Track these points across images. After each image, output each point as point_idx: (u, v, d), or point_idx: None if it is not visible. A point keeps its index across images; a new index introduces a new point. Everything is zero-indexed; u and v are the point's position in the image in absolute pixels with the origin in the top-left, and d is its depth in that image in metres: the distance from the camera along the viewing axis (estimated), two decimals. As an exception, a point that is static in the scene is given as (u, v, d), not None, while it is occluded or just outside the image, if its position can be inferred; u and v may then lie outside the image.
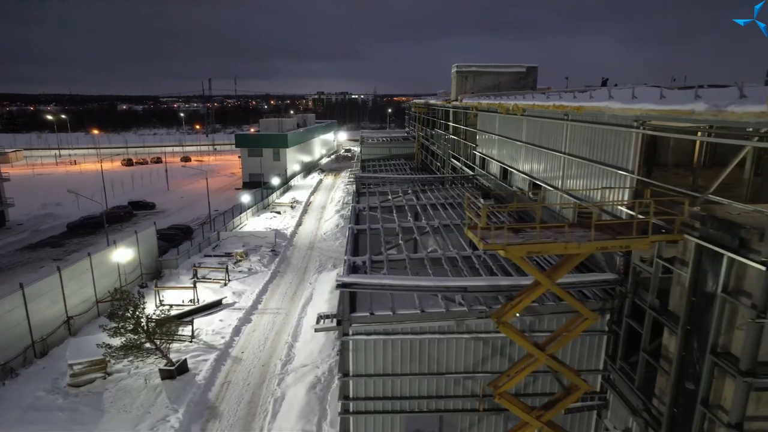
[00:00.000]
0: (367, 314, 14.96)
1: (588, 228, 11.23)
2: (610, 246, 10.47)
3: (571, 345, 15.42)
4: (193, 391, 22.16)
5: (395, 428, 15.97)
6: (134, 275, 34.84)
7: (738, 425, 10.39)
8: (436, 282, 14.71)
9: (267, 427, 20.18)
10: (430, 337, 15.01)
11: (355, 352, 15.27)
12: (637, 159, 14.14)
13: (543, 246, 10.28)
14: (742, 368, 10.10)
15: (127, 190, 72.67)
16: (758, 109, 9.01)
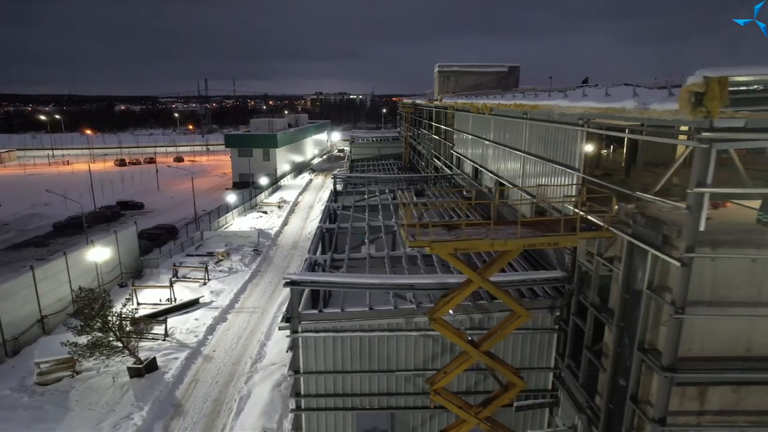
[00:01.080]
0: (315, 312, 15.05)
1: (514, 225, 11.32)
2: (537, 243, 10.56)
3: (521, 343, 15.53)
4: (160, 389, 22.24)
5: (347, 425, 16.06)
6: (113, 274, 34.93)
7: (661, 420, 10.47)
8: (384, 280, 14.80)
9: (230, 425, 20.28)
10: (380, 334, 15.09)
11: (305, 350, 15.36)
12: (583, 157, 14.21)
13: (469, 243, 10.37)
14: (663, 363, 10.19)
15: (117, 190, 72.73)
16: (673, 107, 9.11)
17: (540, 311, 15.05)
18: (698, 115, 8.75)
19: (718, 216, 11.36)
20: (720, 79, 8.44)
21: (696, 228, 9.49)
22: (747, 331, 10.32)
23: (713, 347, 10.40)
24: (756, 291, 10.07)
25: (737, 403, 10.72)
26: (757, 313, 10.15)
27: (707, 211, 11.46)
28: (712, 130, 8.86)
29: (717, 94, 8.45)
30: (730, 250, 9.81)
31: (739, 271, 9.96)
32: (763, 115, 8.73)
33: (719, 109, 8.53)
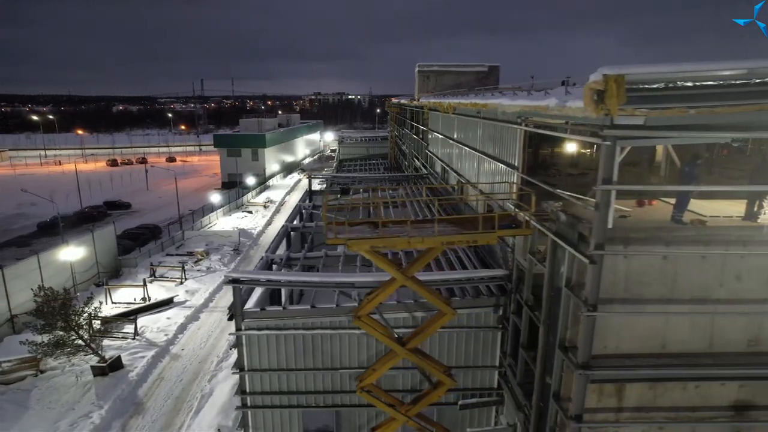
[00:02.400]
0: (258, 310, 15.10)
1: (442, 223, 11.36)
2: (456, 240, 10.60)
3: (466, 341, 15.56)
4: (122, 387, 22.32)
5: (293, 423, 16.10)
6: (90, 274, 35.01)
7: (578, 417, 10.51)
8: (324, 278, 14.84)
9: (188, 422, 20.36)
10: (323, 332, 15.12)
11: (248, 347, 15.40)
12: (522, 156, 14.25)
13: (386, 240, 10.42)
14: (578, 361, 10.22)
15: (107, 190, 72.85)
16: (578, 104, 9.16)
17: (483, 309, 15.09)
18: (600, 112, 8.79)
19: (641, 214, 11.40)
20: (617, 77, 8.48)
21: (604, 225, 9.52)
22: (661, 328, 10.36)
23: (629, 345, 10.43)
24: (668, 288, 10.10)
25: (654, 400, 10.76)
26: (670, 310, 10.18)
27: (628, 209, 11.62)
28: (613, 128, 8.90)
29: (615, 91, 8.49)
30: (641, 247, 9.84)
31: (652, 269, 9.99)
32: (660, 113, 8.76)
33: (617, 107, 8.57)
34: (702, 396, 10.78)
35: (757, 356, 10.50)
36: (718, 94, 9.00)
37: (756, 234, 9.86)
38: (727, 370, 10.44)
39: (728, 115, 8.96)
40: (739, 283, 10.12)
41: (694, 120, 8.96)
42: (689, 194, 10.36)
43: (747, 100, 8.93)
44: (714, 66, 8.82)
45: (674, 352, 10.47)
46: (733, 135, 9.88)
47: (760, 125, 9.45)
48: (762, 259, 9.96)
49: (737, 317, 10.28)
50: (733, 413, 10.88)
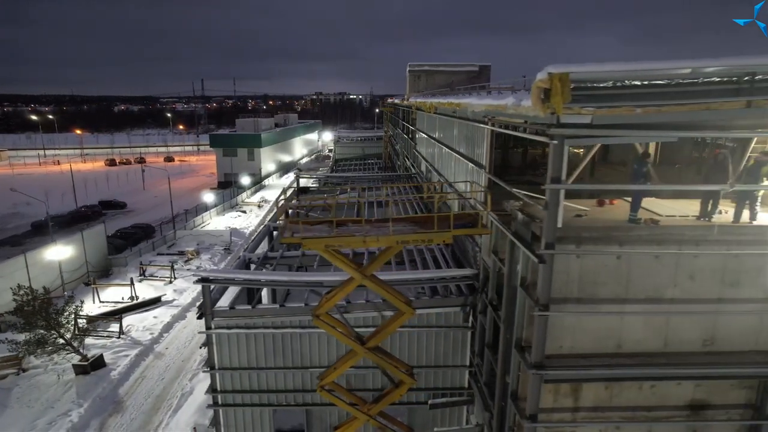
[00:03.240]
0: (227, 308, 15.13)
1: (403, 222, 11.36)
2: (410, 239, 10.60)
3: (435, 341, 15.56)
4: (103, 386, 22.41)
5: (264, 421, 16.12)
6: (79, 273, 35.14)
7: (533, 417, 10.49)
8: (292, 277, 14.88)
9: (166, 421, 20.43)
10: (292, 331, 15.13)
11: (218, 346, 15.44)
12: (489, 155, 14.23)
13: (341, 240, 10.42)
14: (531, 361, 10.21)
15: (103, 190, 73.05)
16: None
17: (452, 309, 15.08)
18: (546, 111, 8.79)
19: (599, 213, 11.39)
20: (561, 75, 8.46)
21: (554, 225, 9.50)
22: (616, 328, 10.33)
23: (584, 344, 10.41)
24: (623, 288, 10.08)
25: (611, 400, 10.74)
26: (624, 309, 10.16)
27: (586, 209, 11.60)
28: (559, 126, 8.88)
29: (559, 90, 8.47)
30: (594, 247, 9.82)
31: (606, 268, 9.97)
32: (608, 112, 8.74)
33: (562, 106, 8.56)
34: (658, 395, 10.76)
35: (711, 356, 10.46)
36: (665, 93, 9.01)
37: (708, 233, 9.83)
38: (682, 370, 10.39)
39: (677, 114, 8.96)
40: (692, 282, 10.09)
41: (642, 119, 8.93)
42: (641, 193, 10.33)
43: (694, 99, 8.92)
44: (660, 65, 8.82)
45: (630, 352, 10.44)
46: (681, 134, 9.86)
47: (708, 125, 9.44)
48: (715, 258, 9.94)
49: (691, 317, 10.26)
50: (689, 413, 10.87)
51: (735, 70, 8.86)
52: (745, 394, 10.81)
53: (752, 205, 10.30)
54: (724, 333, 10.41)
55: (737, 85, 8.93)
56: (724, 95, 8.98)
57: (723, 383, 10.70)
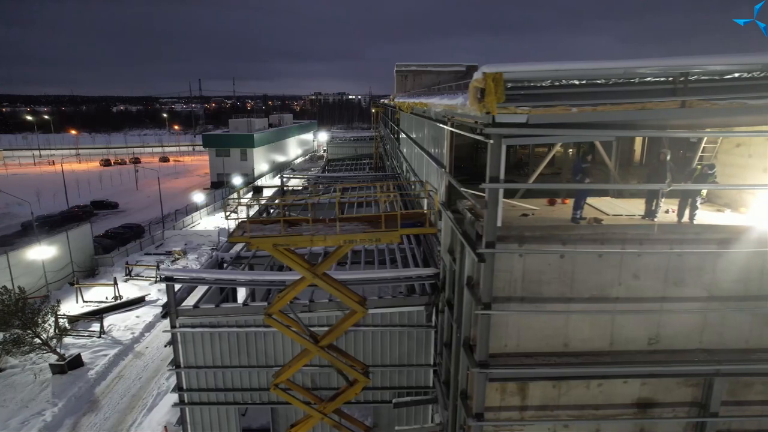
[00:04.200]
0: (191, 307, 15.20)
1: (356, 222, 11.42)
2: (358, 239, 10.66)
3: (399, 340, 15.62)
4: (80, 385, 22.46)
5: (230, 419, 16.18)
6: (65, 273, 35.18)
7: (479, 415, 10.54)
8: (254, 276, 14.96)
9: (140, 420, 20.48)
10: (256, 330, 15.20)
11: (183, 345, 15.51)
12: (449, 155, 14.27)
13: (289, 239, 10.48)
14: (476, 359, 10.26)
15: (97, 190, 73.08)
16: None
17: (415, 308, 15.14)
18: (483, 110, 8.84)
19: (550, 212, 11.44)
20: (495, 75, 8.52)
21: (494, 224, 9.55)
22: (562, 326, 10.38)
23: (530, 343, 10.46)
24: (567, 287, 10.13)
25: (558, 398, 10.79)
26: (569, 308, 10.21)
27: (535, 208, 11.67)
28: (495, 126, 8.93)
29: (493, 89, 8.53)
30: (537, 246, 9.87)
31: (549, 267, 10.02)
32: (543, 111, 8.79)
33: (496, 105, 8.61)
34: (605, 394, 10.80)
35: (657, 354, 10.53)
36: (602, 92, 9.05)
37: (650, 232, 9.88)
38: (628, 368, 10.45)
39: (614, 114, 9.01)
40: (636, 281, 10.15)
41: (579, 118, 8.99)
42: (584, 192, 10.38)
43: (629, 98, 8.97)
44: (594, 65, 8.88)
45: (576, 351, 10.50)
46: (618, 134, 9.92)
47: (645, 124, 9.50)
48: (658, 257, 10.00)
49: (636, 315, 10.31)
50: (636, 410, 10.92)
51: (670, 71, 8.91)
52: (691, 391, 10.86)
53: (692, 205, 10.35)
54: (669, 331, 10.48)
55: (673, 85, 8.98)
56: (661, 95, 9.04)
57: (669, 381, 10.75)
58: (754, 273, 10.16)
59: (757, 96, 8.84)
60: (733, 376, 10.61)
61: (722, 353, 10.51)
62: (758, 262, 10.08)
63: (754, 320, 10.43)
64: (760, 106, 8.84)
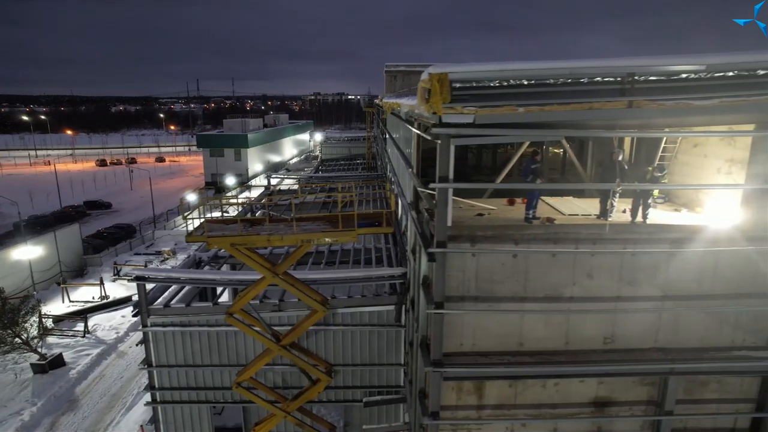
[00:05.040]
0: (162, 306, 15.26)
1: (318, 222, 11.49)
2: (315, 238, 10.72)
3: (369, 339, 15.66)
4: (60, 384, 22.54)
5: (202, 418, 16.24)
6: (52, 272, 35.28)
7: (434, 414, 10.59)
8: (223, 276, 15.05)
9: (118, 419, 20.56)
10: (227, 329, 15.21)
11: (155, 344, 15.56)
12: (416, 156, 14.32)
13: (245, 238, 10.55)
14: (431, 359, 10.31)
15: (91, 190, 73.18)
16: (412, 102, 9.26)
17: (385, 308, 15.19)
18: (430, 110, 8.91)
19: (508, 212, 11.50)
20: (440, 75, 8.59)
21: (444, 224, 9.61)
22: (517, 326, 10.43)
23: (486, 342, 10.51)
24: (521, 286, 10.18)
25: (515, 397, 10.84)
26: (524, 308, 10.26)
27: (492, 207, 11.73)
28: (441, 126, 8.98)
29: (438, 90, 8.60)
30: (490, 245, 9.92)
31: (503, 267, 10.07)
32: (490, 111, 8.85)
33: (442, 105, 8.67)
34: (562, 393, 10.86)
35: (613, 353, 10.57)
36: (549, 92, 9.10)
37: (603, 232, 9.93)
38: (584, 368, 10.50)
39: (562, 113, 9.06)
40: (591, 281, 10.21)
41: (526, 118, 9.04)
42: (536, 192, 10.44)
43: (578, 98, 9.02)
44: (540, 65, 8.95)
45: (531, 350, 10.55)
46: (567, 133, 9.97)
47: (593, 124, 9.56)
48: (611, 257, 10.05)
49: (591, 315, 10.35)
50: (593, 409, 10.97)
51: (617, 71, 8.96)
52: (647, 390, 10.92)
53: (645, 205, 10.41)
54: (624, 331, 10.52)
55: (621, 85, 9.03)
56: (611, 95, 9.09)
57: (625, 380, 10.81)
58: (707, 272, 10.22)
59: (703, 97, 8.90)
60: (687, 375, 10.67)
61: (677, 352, 10.57)
62: (711, 262, 10.14)
63: (708, 319, 10.49)
64: (704, 107, 8.91)
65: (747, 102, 8.91)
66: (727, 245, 9.92)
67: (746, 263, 10.11)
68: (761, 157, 9.66)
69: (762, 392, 10.84)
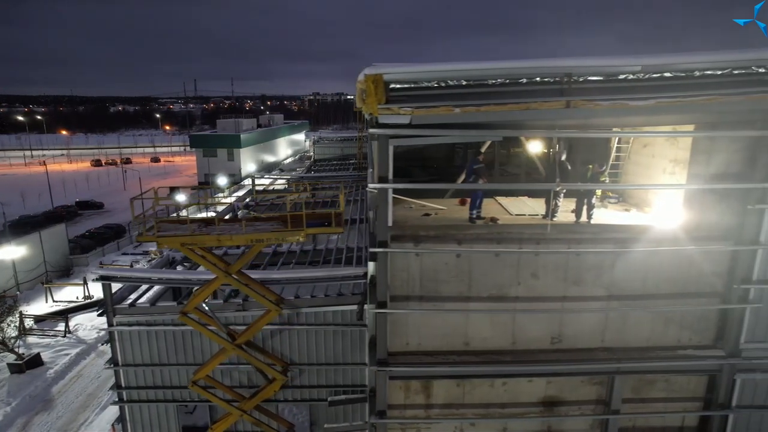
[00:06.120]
0: (126, 306, 15.31)
1: (272, 221, 11.55)
2: (264, 237, 10.77)
3: (334, 339, 15.70)
4: (36, 384, 22.58)
5: (169, 417, 16.26)
6: (37, 272, 35.32)
7: (381, 413, 10.67)
8: (187, 275, 15.08)
9: (92, 418, 20.59)
10: (193, 329, 15.29)
11: (121, 343, 15.61)
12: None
13: (195, 238, 10.61)
14: (376, 358, 10.38)
15: (84, 190, 73.20)
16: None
17: (349, 307, 15.22)
18: (366, 111, 8.97)
19: (457, 212, 11.55)
20: (375, 76, 8.65)
21: (384, 224, 9.67)
22: (462, 325, 10.50)
23: (432, 342, 10.58)
24: (465, 286, 10.25)
25: (463, 397, 10.91)
26: (468, 307, 10.33)
27: (441, 207, 11.78)
28: (378, 126, 9.05)
29: (372, 91, 8.66)
30: (433, 245, 9.98)
31: (446, 267, 10.14)
32: (426, 112, 8.91)
33: (377, 106, 8.74)
34: (510, 392, 10.92)
35: (560, 353, 10.65)
36: (489, 93, 9.17)
37: (546, 232, 9.99)
38: (531, 367, 10.57)
39: (498, 113, 9.12)
40: (536, 280, 10.27)
41: (463, 118, 9.10)
42: (480, 192, 10.49)
43: (517, 99, 9.09)
44: (476, 66, 9.01)
45: (478, 350, 10.62)
46: (507, 133, 10.02)
47: (533, 124, 9.61)
48: (556, 257, 10.11)
49: (538, 315, 10.42)
50: (542, 408, 11.04)
51: (555, 71, 9.02)
52: (596, 389, 10.98)
53: (589, 204, 10.46)
54: (571, 331, 10.59)
55: (560, 85, 9.09)
56: (550, 95, 9.16)
57: (573, 380, 10.87)
58: (651, 272, 10.29)
59: (639, 97, 8.97)
60: (634, 374, 10.73)
61: (624, 351, 10.64)
62: (655, 262, 10.20)
63: (655, 319, 10.56)
64: (641, 107, 8.97)
65: (683, 103, 8.98)
66: (670, 245, 9.99)
67: (690, 263, 10.18)
68: (700, 158, 9.73)
69: (709, 391, 10.91)
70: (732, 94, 8.97)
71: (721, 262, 10.17)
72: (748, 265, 10.00)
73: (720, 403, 10.74)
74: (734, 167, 9.81)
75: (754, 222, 9.79)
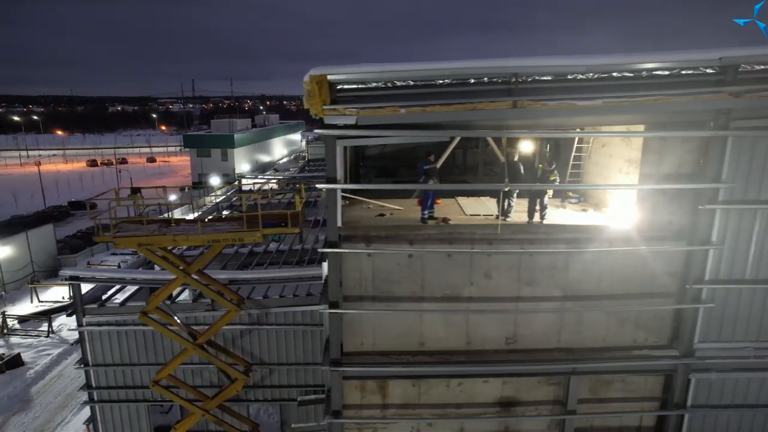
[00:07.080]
0: (96, 306, 15.35)
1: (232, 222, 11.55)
2: (221, 238, 10.79)
3: (303, 338, 15.74)
4: (16, 384, 22.64)
5: (140, 416, 16.32)
6: (24, 272, 35.34)
7: (336, 413, 10.66)
8: (156, 275, 15.11)
9: (69, 418, 20.66)
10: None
11: (91, 343, 15.65)
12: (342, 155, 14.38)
13: (152, 238, 10.62)
14: (329, 358, 10.38)
15: (77, 190, 73.22)
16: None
17: (316, 307, 15.23)
18: (312, 111, 8.97)
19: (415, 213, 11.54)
20: (319, 77, 8.64)
21: (334, 224, 9.67)
22: (417, 326, 10.48)
23: (386, 342, 10.56)
24: (418, 286, 10.23)
25: (419, 397, 10.89)
26: (422, 308, 10.31)
27: (398, 208, 11.78)
28: (324, 127, 9.03)
29: (317, 92, 8.65)
30: (384, 246, 9.96)
31: (399, 267, 10.12)
32: (372, 112, 8.90)
33: (321, 107, 8.73)
34: (467, 393, 10.90)
35: (515, 353, 10.63)
36: (434, 93, 9.15)
37: (497, 232, 9.97)
38: (486, 368, 10.55)
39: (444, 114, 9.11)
40: (489, 281, 10.26)
41: (409, 119, 9.09)
42: (431, 192, 10.49)
43: (463, 99, 9.08)
44: (423, 66, 9.00)
45: (432, 350, 10.60)
46: (455, 134, 10.02)
47: (482, 124, 9.60)
48: (509, 257, 10.09)
49: (491, 315, 10.39)
50: (499, 409, 11.02)
51: (502, 71, 9.01)
52: (553, 390, 10.96)
53: (541, 204, 10.46)
54: (526, 331, 10.57)
55: (507, 86, 9.08)
56: (497, 95, 9.15)
57: (529, 380, 10.85)
58: (606, 272, 10.27)
59: (586, 97, 8.96)
60: (591, 374, 10.72)
61: (580, 352, 10.62)
62: (609, 262, 10.19)
63: (610, 319, 10.54)
64: (589, 107, 8.97)
65: (630, 103, 8.97)
66: (623, 245, 9.98)
67: (644, 263, 10.16)
68: (652, 158, 9.72)
69: (665, 390, 10.90)
70: (679, 95, 8.96)
71: (675, 262, 10.15)
72: (700, 265, 9.98)
73: (676, 402, 10.73)
74: (686, 167, 9.79)
75: (705, 222, 9.78)
